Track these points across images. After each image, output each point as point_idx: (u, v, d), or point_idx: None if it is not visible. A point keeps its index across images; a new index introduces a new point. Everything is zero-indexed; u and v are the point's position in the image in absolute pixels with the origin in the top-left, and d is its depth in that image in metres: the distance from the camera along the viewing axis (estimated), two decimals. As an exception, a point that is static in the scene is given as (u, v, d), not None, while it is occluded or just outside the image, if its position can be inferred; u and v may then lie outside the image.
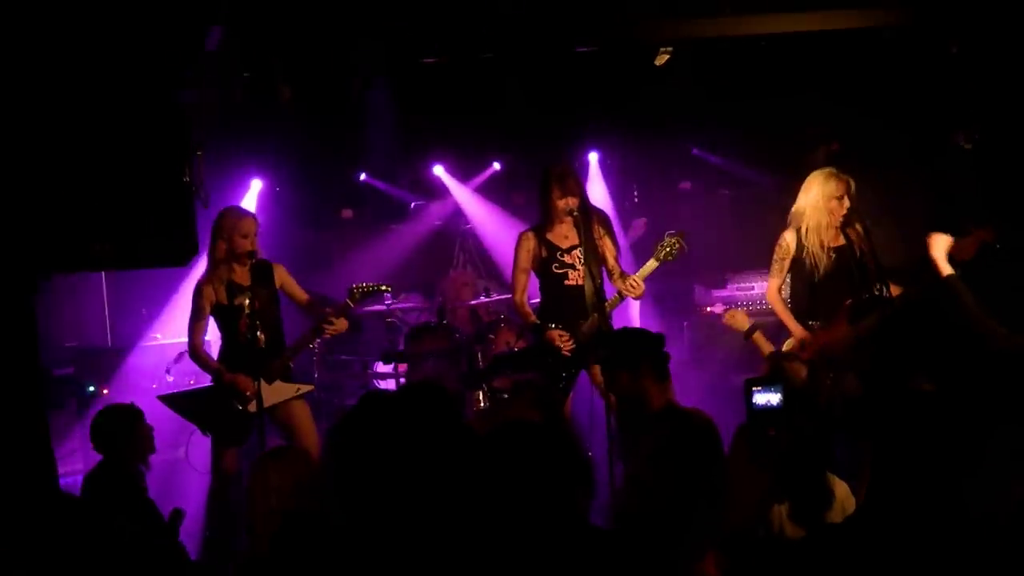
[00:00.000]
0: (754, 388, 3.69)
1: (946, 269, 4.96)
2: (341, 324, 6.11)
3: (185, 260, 5.27)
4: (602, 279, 6.10)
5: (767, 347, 5.94)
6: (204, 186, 5.45)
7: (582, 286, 6.07)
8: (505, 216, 10.16)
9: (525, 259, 6.30)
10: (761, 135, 9.48)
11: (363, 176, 10.49)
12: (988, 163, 7.27)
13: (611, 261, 6.28)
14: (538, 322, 6.25)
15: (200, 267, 6.28)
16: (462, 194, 10.51)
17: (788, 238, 6.08)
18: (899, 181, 7.64)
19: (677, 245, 6.05)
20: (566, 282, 6.23)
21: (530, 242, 6.30)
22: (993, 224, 5.33)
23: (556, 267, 6.25)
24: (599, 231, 6.26)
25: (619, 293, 6.15)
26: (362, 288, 6.21)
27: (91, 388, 7.52)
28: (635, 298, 6.13)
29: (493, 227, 10.26)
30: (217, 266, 6.07)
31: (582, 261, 6.08)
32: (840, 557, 2.57)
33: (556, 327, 6.18)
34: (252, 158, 9.27)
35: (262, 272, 6.09)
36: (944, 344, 4.17)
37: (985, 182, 7.22)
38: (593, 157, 10.43)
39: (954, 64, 7.28)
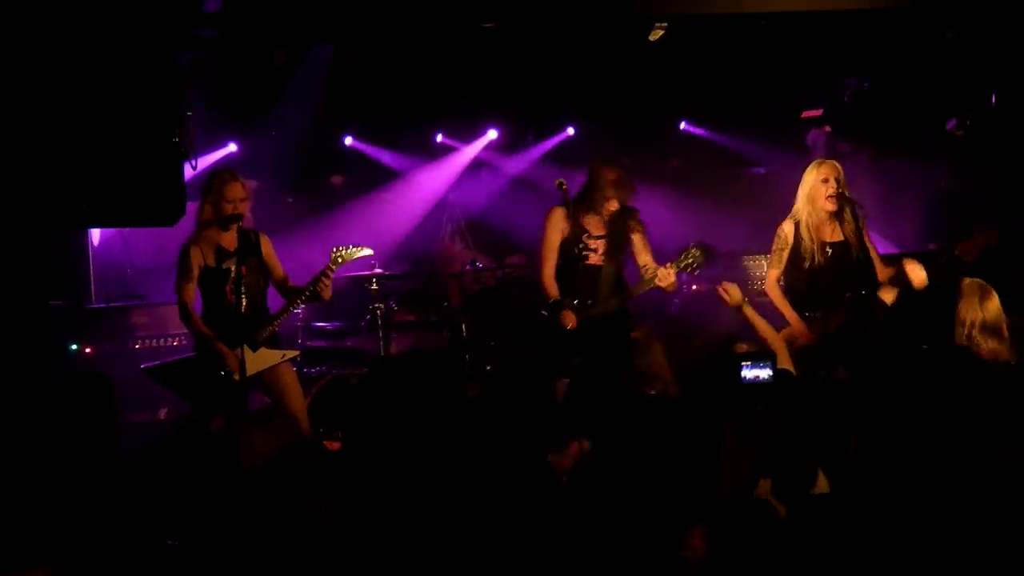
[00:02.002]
0: (743, 363, 3.67)
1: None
2: (325, 289, 6.08)
3: (173, 220, 5.27)
4: (624, 267, 6.18)
5: (758, 321, 5.88)
6: (194, 148, 5.45)
7: (600, 266, 6.19)
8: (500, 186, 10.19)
9: (555, 237, 6.25)
10: (753, 116, 9.47)
11: (349, 140, 10.32)
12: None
13: (647, 257, 6.27)
14: (559, 299, 6.19)
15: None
16: (462, 159, 10.46)
17: (787, 228, 6.09)
18: (892, 166, 7.65)
19: (701, 259, 6.11)
20: (586, 262, 6.25)
21: (561, 221, 6.25)
22: (997, 228, 5.42)
23: (580, 248, 6.24)
24: (632, 226, 6.29)
25: (649, 279, 6.13)
26: (343, 252, 6.19)
27: (74, 347, 7.44)
28: (667, 287, 6.10)
29: (484, 197, 10.24)
30: (203, 228, 6.03)
31: (606, 249, 6.18)
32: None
33: (572, 303, 6.17)
34: (232, 120, 9.16)
35: (249, 239, 6.06)
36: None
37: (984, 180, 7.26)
38: (570, 131, 10.42)
39: (951, 50, 7.27)
